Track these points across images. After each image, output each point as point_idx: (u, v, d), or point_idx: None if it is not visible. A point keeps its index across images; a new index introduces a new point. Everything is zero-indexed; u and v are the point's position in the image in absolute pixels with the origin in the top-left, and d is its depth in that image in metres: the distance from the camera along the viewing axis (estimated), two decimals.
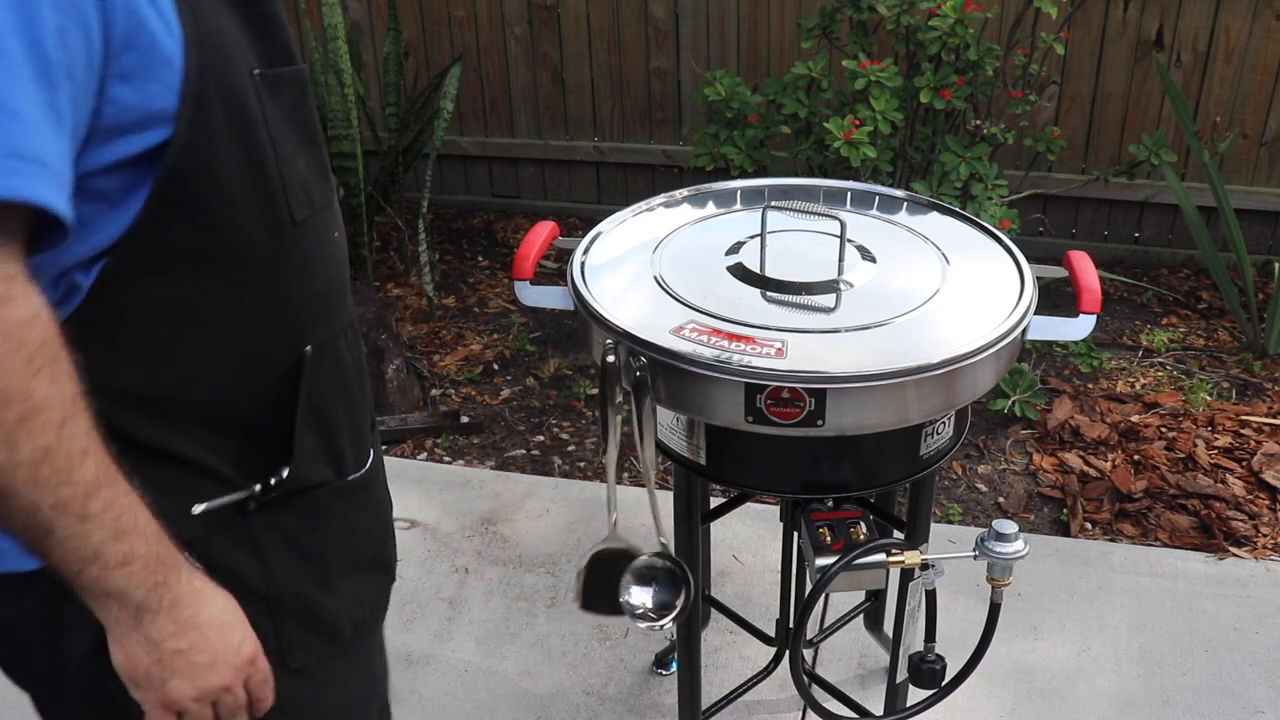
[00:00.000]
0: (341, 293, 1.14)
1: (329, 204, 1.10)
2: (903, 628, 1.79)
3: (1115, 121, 3.67)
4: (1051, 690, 2.20)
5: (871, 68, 2.85)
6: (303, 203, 1.03)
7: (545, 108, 4.15)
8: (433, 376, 3.37)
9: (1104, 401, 3.08)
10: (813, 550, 1.50)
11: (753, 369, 1.36)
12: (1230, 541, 2.58)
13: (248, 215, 0.98)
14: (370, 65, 4.15)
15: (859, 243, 1.63)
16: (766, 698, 2.20)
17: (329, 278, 1.10)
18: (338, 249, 1.13)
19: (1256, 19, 3.42)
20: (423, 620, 2.43)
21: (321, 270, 1.08)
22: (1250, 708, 2.16)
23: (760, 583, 2.49)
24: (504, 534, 2.68)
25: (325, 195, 1.09)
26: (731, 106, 3.11)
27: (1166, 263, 3.83)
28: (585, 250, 1.65)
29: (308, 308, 1.07)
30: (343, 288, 1.14)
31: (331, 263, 1.11)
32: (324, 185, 1.09)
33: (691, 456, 1.62)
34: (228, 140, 0.95)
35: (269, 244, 1.00)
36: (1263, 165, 3.62)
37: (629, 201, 1.84)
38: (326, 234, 1.10)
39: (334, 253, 1.12)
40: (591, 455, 3.01)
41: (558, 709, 2.20)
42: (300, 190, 1.03)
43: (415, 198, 3.83)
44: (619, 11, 3.92)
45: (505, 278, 3.90)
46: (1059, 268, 1.66)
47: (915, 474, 1.60)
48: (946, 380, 1.39)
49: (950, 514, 2.72)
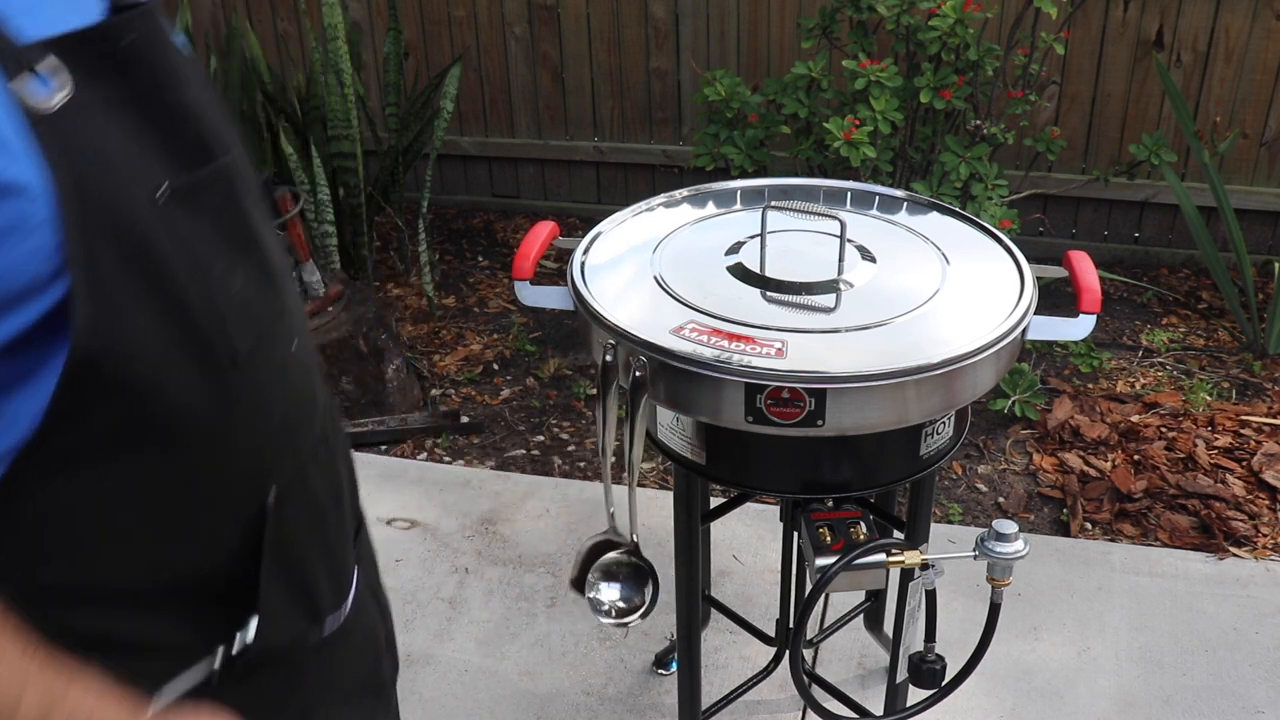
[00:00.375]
0: (309, 409, 0.98)
1: (281, 312, 0.93)
2: (903, 628, 1.79)
3: (1115, 121, 3.67)
4: (1051, 690, 2.20)
5: (871, 68, 2.85)
6: (246, 330, 0.86)
7: (545, 108, 4.16)
8: (433, 376, 3.37)
9: (1104, 401, 3.08)
10: (813, 550, 1.50)
11: (753, 369, 1.36)
12: (1230, 541, 2.58)
13: (177, 375, 0.81)
14: (370, 65, 4.15)
15: (859, 243, 1.63)
16: (766, 698, 2.20)
17: (291, 401, 0.95)
18: (299, 361, 0.96)
19: (1256, 19, 3.42)
20: (423, 620, 2.43)
21: (281, 397, 0.93)
22: (1250, 708, 2.16)
23: (760, 583, 2.49)
24: (504, 534, 2.68)
25: (275, 305, 0.92)
26: (731, 106, 3.11)
27: (1166, 263, 3.83)
28: (585, 250, 1.65)
29: (268, 447, 0.92)
30: (310, 402, 0.99)
31: (293, 383, 0.95)
32: (272, 293, 0.92)
33: (691, 456, 1.62)
34: (135, 294, 0.76)
35: (209, 397, 0.84)
36: (1263, 165, 3.62)
37: (629, 201, 1.84)
38: (282, 351, 0.93)
39: (294, 369, 0.95)
40: (591, 455, 3.01)
41: (558, 709, 2.20)
42: (241, 316, 0.86)
43: (415, 198, 3.83)
44: (619, 11, 3.92)
45: (505, 278, 3.90)
46: (1059, 268, 1.66)
47: (915, 474, 1.60)
48: (946, 380, 1.39)
49: (950, 514, 2.72)
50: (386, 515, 2.75)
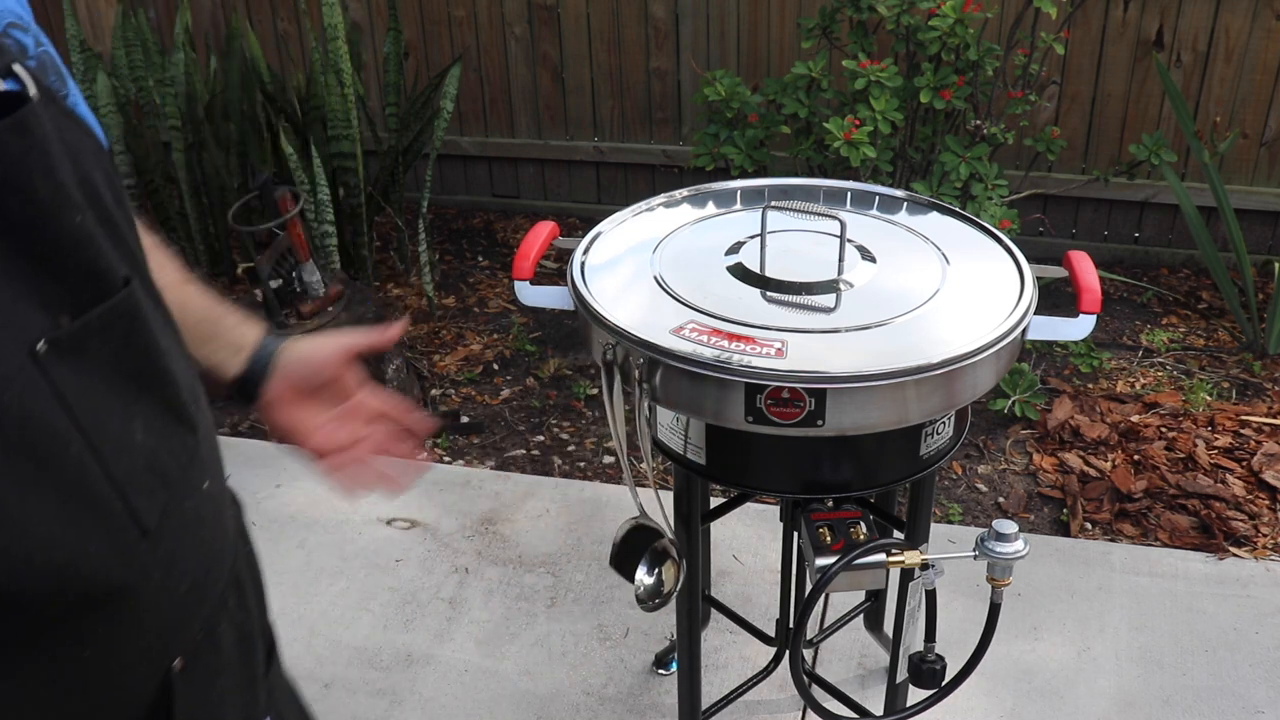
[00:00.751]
0: (220, 554, 0.89)
1: (193, 453, 0.82)
2: (903, 628, 1.79)
3: (1115, 121, 3.67)
4: (1051, 690, 2.20)
5: (871, 68, 2.85)
6: (154, 492, 0.76)
7: (545, 108, 4.16)
8: (433, 376, 3.37)
9: (1104, 401, 3.08)
10: (813, 550, 1.50)
11: (753, 369, 1.36)
12: (1230, 541, 2.58)
13: (76, 567, 0.70)
14: (370, 65, 4.15)
15: (859, 243, 1.63)
16: (766, 698, 2.20)
17: (203, 554, 0.85)
18: (212, 502, 0.86)
19: (1256, 19, 3.42)
20: (423, 620, 2.43)
21: (193, 555, 0.83)
22: (1250, 708, 2.16)
23: (760, 583, 2.49)
24: (504, 534, 2.68)
25: (186, 445, 0.81)
26: (731, 106, 3.11)
27: (1166, 263, 3.83)
28: (585, 250, 1.65)
29: (176, 617, 0.81)
30: (222, 547, 0.89)
31: (206, 532, 0.85)
32: (181, 431, 0.81)
33: (691, 456, 1.62)
34: (14, 482, 0.66)
35: (112, 583, 0.73)
36: (1263, 165, 3.62)
37: (629, 201, 1.84)
38: (194, 500, 0.83)
39: (207, 515, 0.85)
40: (591, 455, 3.01)
41: (558, 709, 2.20)
42: (147, 476, 0.75)
43: (415, 198, 3.83)
44: (619, 11, 3.92)
45: (505, 278, 3.90)
46: (1059, 268, 1.66)
47: (915, 474, 1.60)
48: (946, 380, 1.39)
49: (950, 514, 2.72)
50: (386, 515, 2.75)
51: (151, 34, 3.52)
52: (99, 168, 0.76)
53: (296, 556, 2.62)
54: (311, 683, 2.27)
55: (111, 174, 0.78)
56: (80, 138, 0.74)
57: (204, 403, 0.88)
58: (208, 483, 0.85)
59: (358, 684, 2.27)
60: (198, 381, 0.88)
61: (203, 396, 0.89)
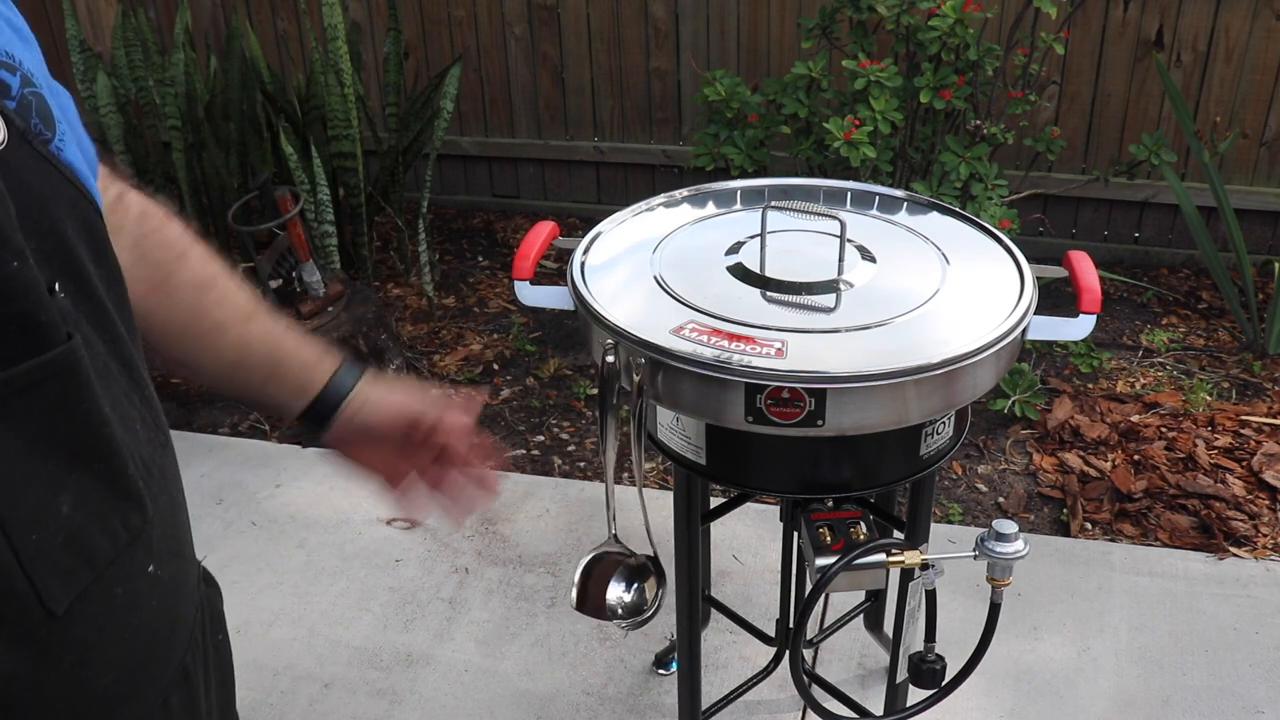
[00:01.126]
0: (164, 646, 0.82)
1: (138, 531, 0.76)
2: (903, 628, 1.79)
3: (1115, 121, 3.67)
4: (1051, 690, 2.20)
5: (871, 68, 2.85)
6: (71, 572, 0.70)
7: (545, 108, 4.16)
8: (433, 376, 3.37)
9: (1104, 401, 3.08)
10: (813, 550, 1.49)
11: (753, 369, 1.36)
12: (1230, 541, 2.58)
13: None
14: (370, 65, 4.15)
15: (859, 243, 1.63)
16: (766, 698, 2.20)
17: (136, 645, 0.78)
18: (157, 586, 0.79)
19: (1256, 19, 3.42)
20: (423, 620, 2.43)
21: (120, 646, 0.76)
22: (1250, 708, 2.16)
23: (760, 583, 2.49)
24: (504, 534, 2.68)
25: (128, 524, 0.75)
26: (731, 106, 3.11)
27: (1166, 263, 3.83)
28: (585, 250, 1.65)
29: (92, 716, 0.76)
30: (166, 636, 0.82)
31: (142, 620, 0.78)
32: (124, 508, 0.75)
33: (691, 456, 1.62)
34: None
35: (5, 675, 0.67)
36: (1263, 165, 3.62)
37: (629, 201, 1.84)
38: (131, 584, 0.76)
39: (147, 602, 0.78)
40: (591, 455, 3.01)
41: (558, 709, 2.20)
42: (65, 556, 0.69)
43: (415, 198, 3.83)
44: (619, 11, 3.92)
45: (505, 278, 3.90)
46: (1059, 268, 1.66)
47: (915, 474, 1.60)
48: (946, 380, 1.39)
49: (950, 514, 2.72)
50: (386, 515, 2.75)
51: (151, 34, 3.52)
52: (76, 218, 0.72)
53: (296, 556, 2.62)
54: (311, 683, 2.27)
55: (95, 228, 0.75)
56: (56, 185, 0.71)
57: (169, 479, 0.83)
58: (154, 567, 0.78)
59: (358, 684, 2.27)
60: (165, 454, 0.81)
61: (168, 469, 0.83)
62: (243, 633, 2.37)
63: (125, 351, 0.78)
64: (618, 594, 1.55)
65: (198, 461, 2.97)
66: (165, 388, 3.36)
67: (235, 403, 3.27)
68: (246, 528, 2.71)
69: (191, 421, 3.20)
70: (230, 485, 2.87)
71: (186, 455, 3.05)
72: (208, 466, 2.95)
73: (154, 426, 0.81)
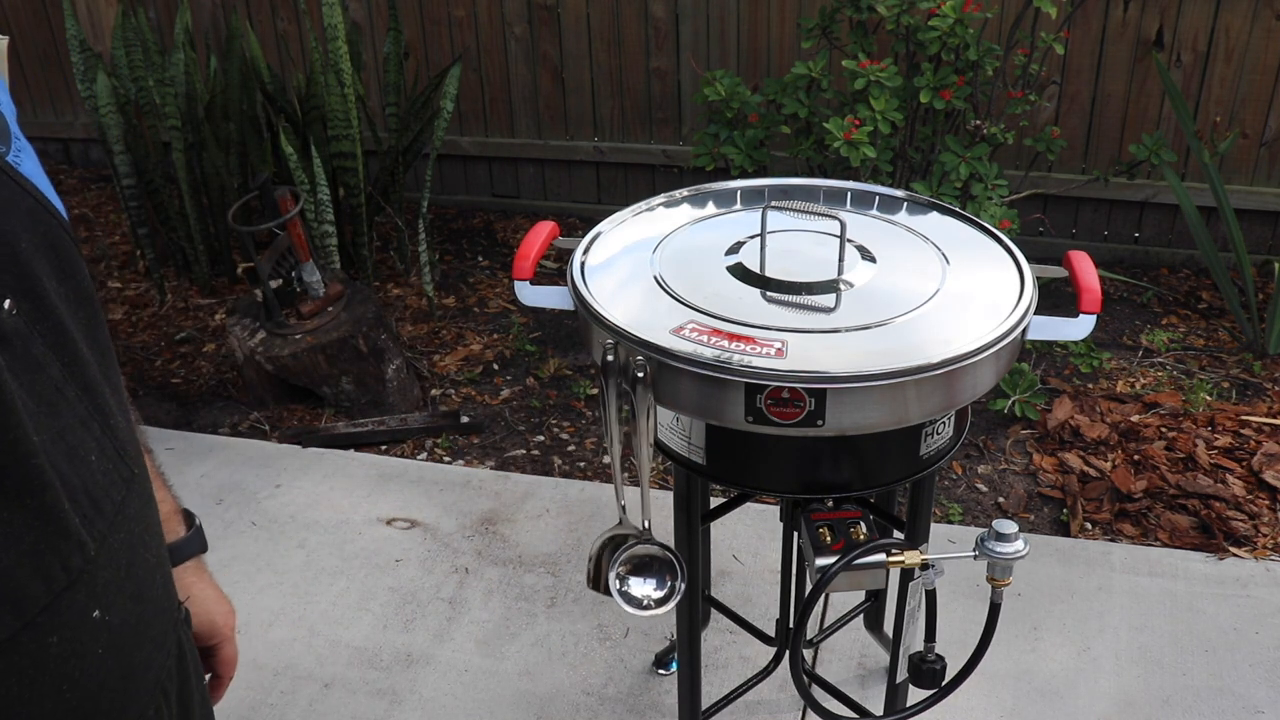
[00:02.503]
0: (109, 707, 0.75)
1: (74, 582, 0.70)
2: (903, 628, 1.79)
3: (1115, 121, 3.67)
4: (1051, 690, 2.20)
5: (871, 68, 2.85)
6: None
7: (545, 108, 4.16)
8: (433, 376, 3.37)
9: (1104, 401, 3.08)
10: (813, 550, 1.49)
11: (753, 369, 1.36)
12: (1230, 541, 2.58)
13: None
14: (370, 65, 4.15)
15: (859, 243, 1.63)
16: (766, 698, 2.20)
17: (68, 710, 0.71)
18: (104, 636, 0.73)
19: (1256, 19, 3.42)
20: (423, 620, 2.43)
21: (47, 708, 0.70)
22: (1250, 708, 2.16)
23: (760, 583, 2.49)
24: (504, 534, 2.68)
25: (62, 575, 0.69)
26: (731, 106, 3.11)
27: (1166, 263, 3.83)
28: (585, 250, 1.65)
29: None
30: (112, 699, 0.75)
31: (78, 683, 0.71)
32: (62, 548, 0.69)
33: (691, 456, 1.62)
34: None
35: None
36: (1263, 165, 3.62)
37: (629, 201, 1.84)
38: (67, 633, 0.70)
39: (85, 660, 0.72)
40: (591, 455, 3.01)
41: (558, 709, 2.20)
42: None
43: (415, 198, 3.83)
44: (619, 11, 3.92)
45: (505, 278, 3.90)
46: (1059, 268, 1.66)
47: (915, 474, 1.60)
48: (946, 380, 1.39)
49: (950, 514, 2.72)
50: (386, 515, 2.75)
51: (151, 34, 3.52)
52: (35, 232, 0.69)
53: (296, 556, 2.62)
54: (311, 683, 2.27)
55: (60, 243, 0.71)
56: (12, 195, 0.68)
57: (129, 516, 0.76)
58: (99, 612, 0.71)
59: (358, 684, 2.27)
60: (128, 487, 0.76)
61: (129, 506, 0.77)
62: (243, 633, 2.37)
63: (88, 376, 0.72)
64: (637, 583, 1.55)
65: (198, 461, 2.97)
66: (165, 387, 3.36)
67: (237, 402, 3.27)
68: (246, 528, 2.71)
69: (191, 421, 3.20)
70: (230, 485, 2.87)
71: (187, 455, 3.06)
72: (208, 466, 2.95)
73: (115, 458, 0.75)
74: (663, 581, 1.56)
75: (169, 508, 1.06)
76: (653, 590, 1.56)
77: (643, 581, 1.56)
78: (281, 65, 4.21)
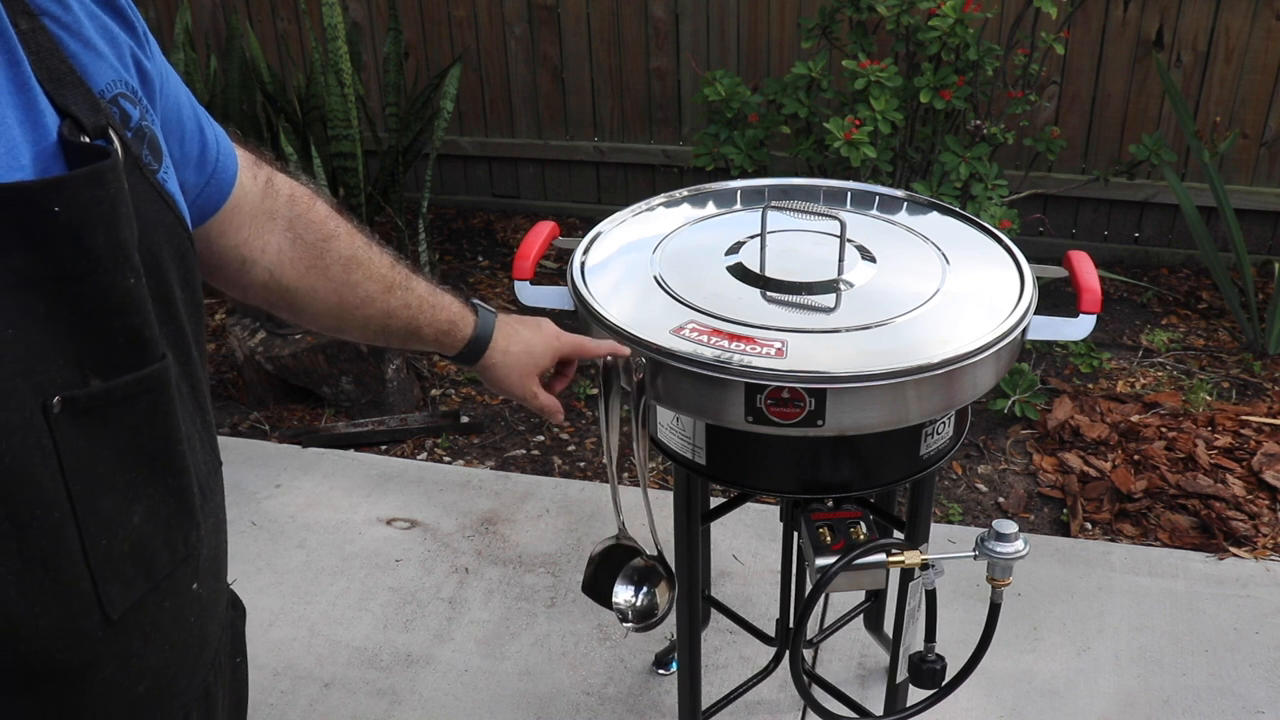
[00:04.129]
0: (192, 661, 0.84)
1: (191, 550, 0.79)
2: (903, 628, 1.79)
3: (1115, 121, 3.67)
4: (1051, 690, 2.20)
5: (871, 68, 2.85)
6: (131, 583, 0.73)
7: (545, 108, 4.15)
8: (433, 376, 3.37)
9: (1104, 401, 3.08)
10: (813, 550, 1.49)
11: (753, 369, 1.36)
12: (1230, 541, 2.58)
13: (12, 632, 0.67)
14: (370, 65, 4.15)
15: (859, 243, 1.63)
16: (766, 698, 2.20)
17: (171, 657, 0.80)
18: (196, 603, 0.82)
19: (1256, 19, 3.42)
20: (423, 620, 2.43)
21: (158, 656, 0.78)
22: (1250, 708, 2.16)
23: (760, 583, 2.49)
24: (504, 534, 2.68)
25: (184, 541, 0.78)
26: (731, 106, 3.11)
27: (1166, 263, 3.83)
28: (585, 250, 1.65)
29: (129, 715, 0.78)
30: (196, 652, 0.84)
31: (180, 633, 0.80)
32: (184, 526, 0.78)
33: (691, 456, 1.62)
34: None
35: (52, 663, 0.69)
36: (1263, 165, 3.62)
37: (629, 201, 1.84)
38: (178, 599, 0.79)
39: (187, 617, 0.81)
40: (591, 455, 3.01)
41: (558, 709, 2.20)
42: (127, 565, 0.72)
43: (415, 198, 3.83)
44: (619, 11, 3.91)
45: (505, 278, 3.90)
46: (1059, 268, 1.66)
47: (915, 474, 1.60)
48: (946, 380, 1.39)
49: (950, 514, 2.72)
50: (386, 515, 2.75)
51: (151, 34, 3.52)
52: (171, 244, 0.76)
53: (296, 556, 2.62)
54: (311, 683, 2.27)
55: (187, 255, 0.79)
56: (159, 211, 0.76)
57: (217, 503, 0.86)
58: (198, 585, 0.81)
59: (358, 684, 2.27)
60: (216, 476, 0.85)
61: (217, 492, 0.87)
62: None
63: (195, 375, 0.80)
64: (627, 597, 1.55)
65: None
66: None
67: (237, 402, 3.27)
68: (246, 528, 2.71)
69: None
70: (230, 485, 2.85)
71: None
72: None
73: (210, 450, 0.85)
74: (654, 594, 1.56)
75: (458, 306, 1.23)
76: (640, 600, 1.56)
77: (636, 596, 1.56)
78: (281, 65, 4.20)
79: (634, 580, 1.56)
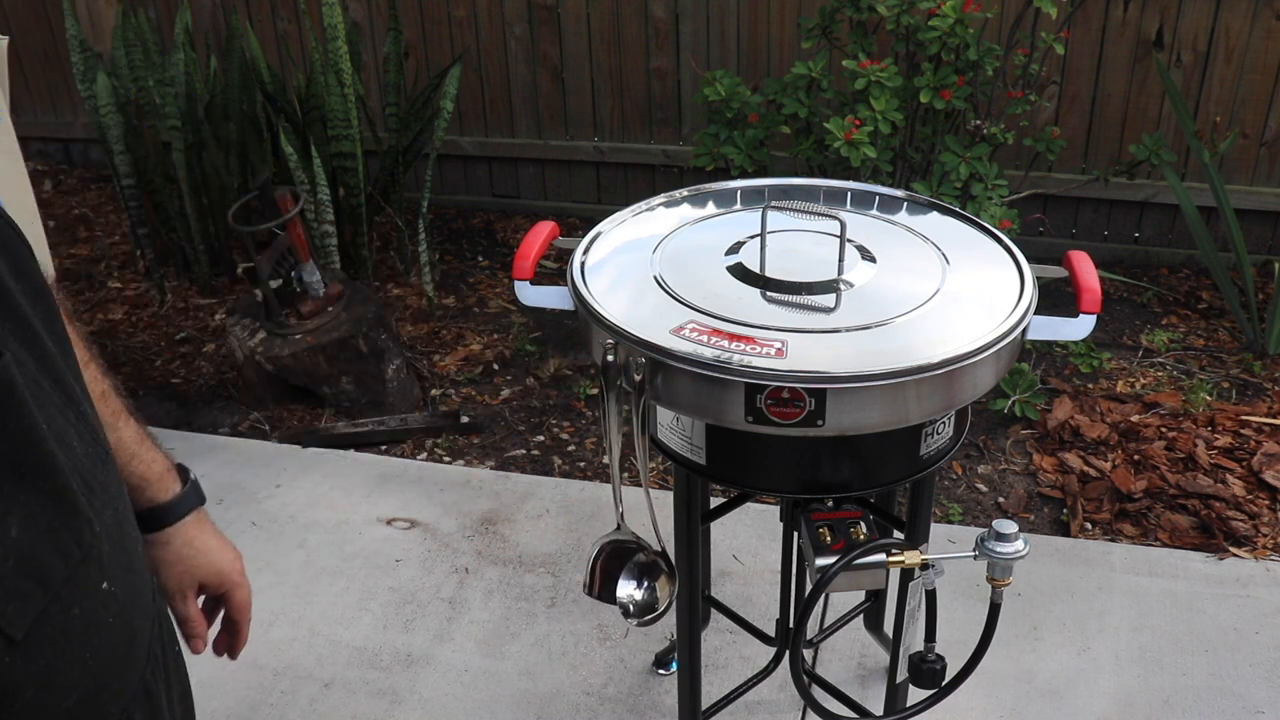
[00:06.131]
0: (122, 661, 0.80)
1: (89, 549, 0.74)
2: (903, 628, 1.79)
3: (1115, 121, 3.67)
4: (1051, 690, 2.20)
5: (871, 68, 2.85)
6: (27, 598, 0.68)
7: (545, 108, 4.16)
8: (433, 376, 3.37)
9: (1104, 401, 3.08)
10: (813, 550, 1.50)
11: (753, 369, 1.36)
12: (1230, 541, 2.58)
13: None
14: (370, 65, 4.15)
15: (859, 243, 1.63)
16: (766, 698, 2.20)
17: (96, 663, 0.76)
18: (111, 602, 0.78)
19: (1256, 19, 3.42)
20: (423, 620, 2.43)
21: (80, 665, 0.74)
22: (1250, 708, 2.16)
23: (760, 583, 2.49)
24: (504, 534, 2.68)
25: (78, 541, 0.73)
26: (731, 106, 3.11)
27: (1166, 263, 3.83)
28: (585, 250, 1.65)
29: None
30: (125, 650, 0.80)
31: (100, 638, 0.76)
32: (74, 525, 0.73)
33: (691, 456, 1.62)
34: None
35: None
36: (1263, 165, 3.62)
37: (629, 201, 1.84)
38: (86, 603, 0.74)
39: (103, 619, 0.77)
40: (591, 455, 3.01)
41: (558, 709, 2.20)
42: (19, 580, 0.67)
43: (415, 198, 3.83)
44: (619, 11, 3.92)
45: (505, 278, 3.90)
46: (1059, 268, 1.66)
47: (915, 474, 1.60)
48: (946, 380, 1.39)
49: (950, 514, 2.72)
50: (386, 515, 2.75)
51: (151, 34, 3.52)
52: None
53: (296, 556, 2.62)
54: (311, 683, 2.27)
55: (10, 242, 0.74)
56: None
57: (112, 494, 0.80)
58: (108, 583, 0.76)
59: (358, 684, 2.27)
60: (105, 467, 0.79)
61: (110, 485, 0.80)
62: None
63: (55, 368, 0.75)
64: (629, 591, 1.56)
65: (198, 461, 2.96)
66: (165, 387, 3.36)
67: (237, 402, 3.27)
68: (246, 528, 2.71)
69: (191, 421, 3.20)
70: (230, 485, 2.87)
71: (186, 455, 3.04)
72: (208, 466, 2.95)
73: (92, 442, 0.79)
74: (655, 589, 1.57)
75: (161, 466, 1.09)
76: (642, 595, 1.56)
77: (637, 591, 1.57)
78: (281, 65, 4.20)
79: (636, 575, 1.56)
